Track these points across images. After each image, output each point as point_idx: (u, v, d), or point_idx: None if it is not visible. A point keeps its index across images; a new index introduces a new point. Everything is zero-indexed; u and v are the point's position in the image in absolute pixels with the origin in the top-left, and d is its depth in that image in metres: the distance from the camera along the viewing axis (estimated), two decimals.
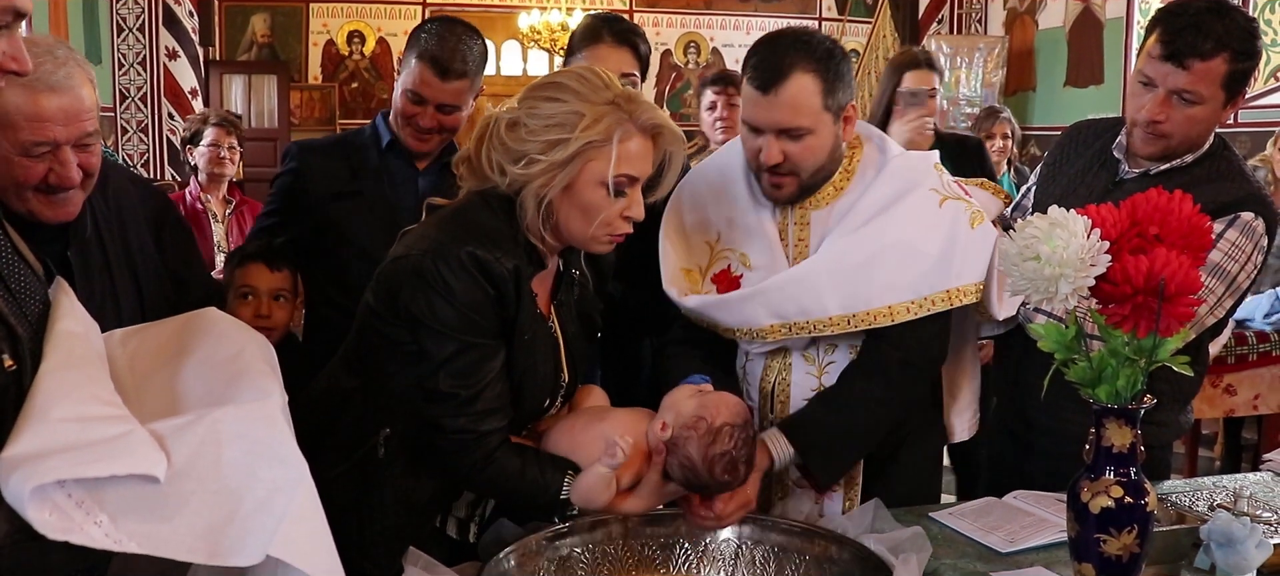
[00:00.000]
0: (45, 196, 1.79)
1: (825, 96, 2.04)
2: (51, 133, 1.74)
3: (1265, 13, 7.79)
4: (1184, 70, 2.20)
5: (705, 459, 1.82)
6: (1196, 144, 2.31)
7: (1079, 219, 1.53)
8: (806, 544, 1.96)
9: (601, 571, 1.96)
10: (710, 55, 14.05)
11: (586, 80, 1.79)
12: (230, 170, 4.89)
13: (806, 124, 2.04)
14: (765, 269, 2.16)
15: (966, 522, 2.10)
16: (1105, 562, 1.61)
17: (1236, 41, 2.19)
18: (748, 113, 2.09)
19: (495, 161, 1.81)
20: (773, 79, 2.01)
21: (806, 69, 2.02)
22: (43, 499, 1.18)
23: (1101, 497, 1.59)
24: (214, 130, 4.84)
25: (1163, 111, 2.24)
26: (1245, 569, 1.82)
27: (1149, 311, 1.52)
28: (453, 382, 1.76)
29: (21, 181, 1.75)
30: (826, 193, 2.17)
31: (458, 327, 1.75)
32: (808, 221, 2.18)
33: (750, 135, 2.11)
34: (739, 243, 2.21)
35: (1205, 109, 2.24)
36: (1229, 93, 2.25)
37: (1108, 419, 1.60)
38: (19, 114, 1.71)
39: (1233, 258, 2.23)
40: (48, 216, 1.80)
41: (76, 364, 1.38)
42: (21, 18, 1.40)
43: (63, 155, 1.76)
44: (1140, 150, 2.34)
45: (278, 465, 1.30)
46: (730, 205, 2.23)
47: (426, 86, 2.56)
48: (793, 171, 2.09)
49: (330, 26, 13.01)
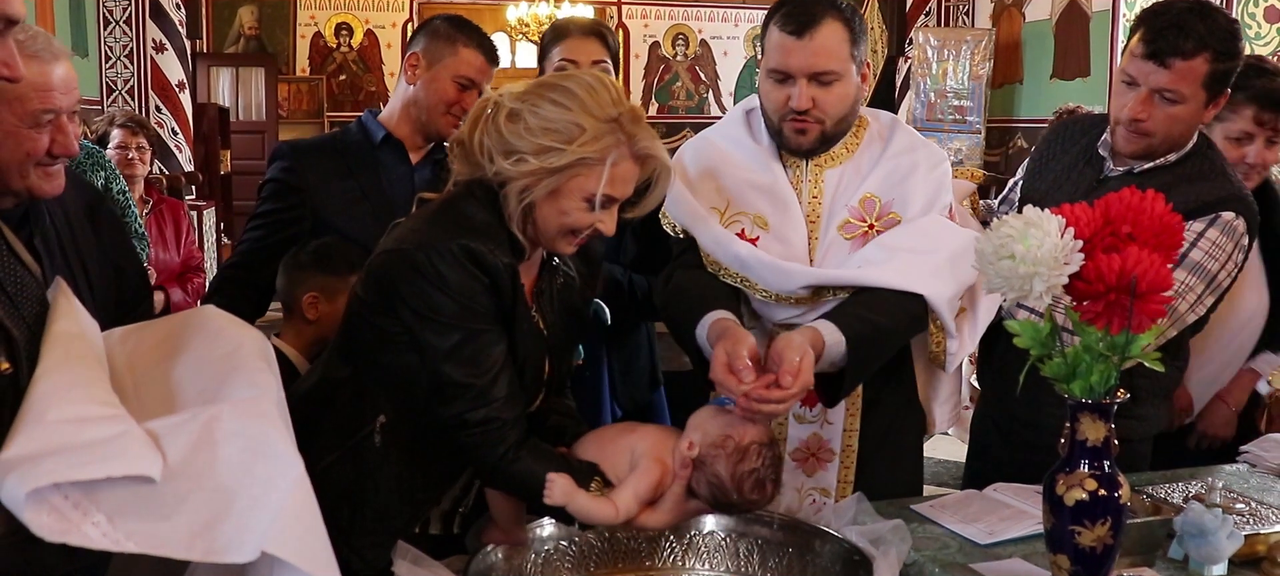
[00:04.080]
0: (44, 169, 1.79)
1: (852, 46, 2.15)
2: (57, 100, 1.76)
3: (1249, 6, 7.84)
4: (1165, 69, 2.24)
5: (733, 477, 1.82)
6: (1179, 143, 2.35)
7: (1053, 218, 1.56)
8: (790, 537, 2.00)
9: (587, 564, 1.99)
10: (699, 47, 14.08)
11: (594, 92, 1.79)
12: (141, 170, 4.77)
13: (837, 68, 2.13)
14: (782, 227, 2.21)
15: (947, 515, 2.13)
16: (1080, 554, 1.64)
17: (1217, 42, 2.23)
18: (778, 60, 2.15)
19: (487, 148, 1.81)
20: (807, 24, 2.11)
21: (836, 17, 2.13)
22: (40, 501, 1.20)
23: (1076, 490, 1.62)
24: (120, 132, 4.74)
25: (1145, 110, 2.28)
26: (1216, 559, 1.86)
27: (1121, 309, 1.55)
28: (464, 372, 1.76)
29: (30, 153, 1.75)
30: (839, 153, 2.25)
31: (458, 316, 1.76)
32: (822, 179, 2.25)
33: (777, 86, 2.17)
34: (753, 203, 2.24)
35: (1187, 108, 2.28)
36: (1210, 92, 2.29)
37: (1082, 413, 1.63)
38: (28, 85, 1.70)
39: (1213, 256, 2.27)
40: (46, 191, 1.80)
41: (73, 365, 1.39)
42: (13, 24, 1.42)
43: (62, 123, 1.78)
44: (1123, 149, 2.38)
45: (273, 461, 1.31)
46: (742, 167, 2.27)
47: (481, 73, 2.71)
48: (819, 118, 2.17)
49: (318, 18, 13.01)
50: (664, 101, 13.95)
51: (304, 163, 2.73)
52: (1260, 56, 3.38)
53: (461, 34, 2.71)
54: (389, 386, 1.84)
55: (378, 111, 2.81)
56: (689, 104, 14.02)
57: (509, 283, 1.79)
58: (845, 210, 2.22)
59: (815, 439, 2.29)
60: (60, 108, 1.76)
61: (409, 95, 2.72)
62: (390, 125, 2.74)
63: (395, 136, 2.73)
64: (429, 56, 2.69)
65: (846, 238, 2.21)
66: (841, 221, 2.22)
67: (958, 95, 10.31)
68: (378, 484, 1.86)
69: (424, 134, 2.75)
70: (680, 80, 14.04)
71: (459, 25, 2.74)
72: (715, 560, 2.03)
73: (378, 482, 1.86)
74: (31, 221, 1.85)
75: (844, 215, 2.22)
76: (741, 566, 2.02)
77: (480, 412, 1.76)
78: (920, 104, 10.51)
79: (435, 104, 2.70)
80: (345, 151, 2.75)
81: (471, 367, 1.76)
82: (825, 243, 2.22)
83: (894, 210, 2.21)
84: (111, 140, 4.73)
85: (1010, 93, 10.41)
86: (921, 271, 2.11)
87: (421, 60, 2.70)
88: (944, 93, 10.37)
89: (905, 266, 2.11)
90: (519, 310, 1.83)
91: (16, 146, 1.74)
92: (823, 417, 2.28)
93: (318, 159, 2.74)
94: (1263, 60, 2.96)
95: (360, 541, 1.83)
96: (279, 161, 2.75)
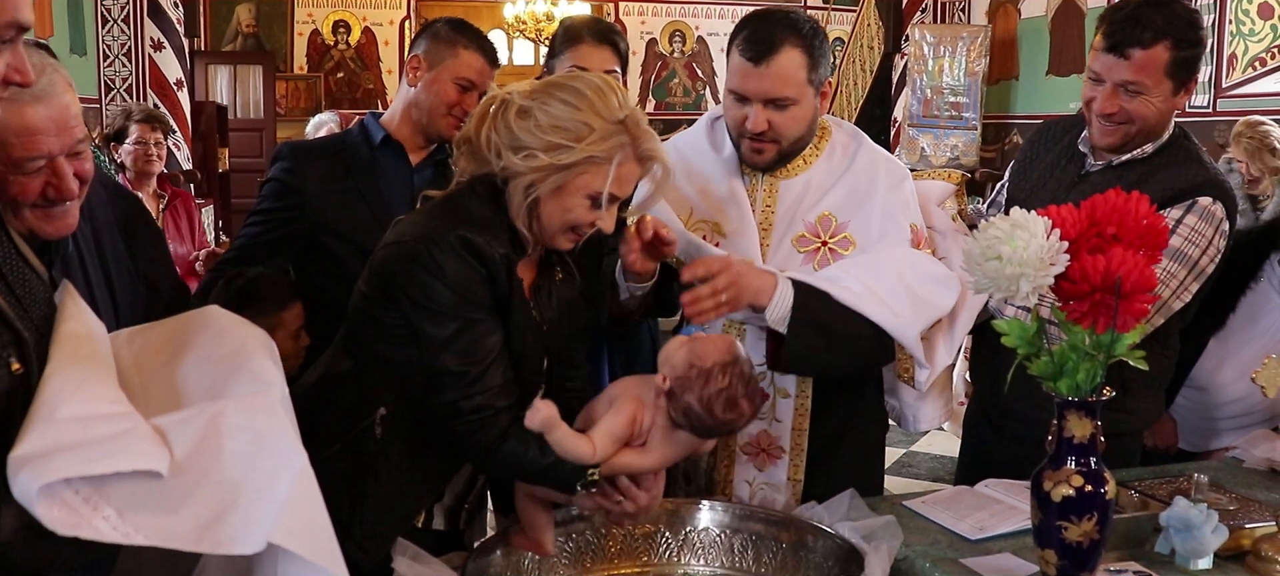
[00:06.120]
0: (44, 211, 1.70)
1: (810, 71, 2.19)
2: (44, 145, 1.66)
3: (1243, 3, 7.88)
4: (1126, 60, 2.31)
5: (703, 400, 1.86)
6: (1155, 132, 2.40)
7: (1039, 220, 1.60)
8: (783, 532, 2.04)
9: (585, 561, 2.03)
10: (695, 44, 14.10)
11: (603, 95, 1.85)
12: (157, 166, 4.78)
13: (792, 94, 2.18)
14: (736, 234, 2.27)
15: (939, 510, 2.16)
16: (1067, 549, 1.68)
17: (1176, 30, 2.29)
18: (737, 83, 2.22)
19: (495, 144, 1.86)
20: (764, 52, 2.15)
21: (795, 44, 2.17)
22: (51, 496, 1.22)
23: (1062, 487, 1.66)
24: (139, 126, 4.72)
25: (1113, 104, 2.35)
26: (1202, 553, 1.90)
27: (1107, 308, 1.59)
28: (458, 360, 1.79)
29: (19, 198, 1.66)
30: (796, 165, 2.31)
31: (455, 306, 1.80)
32: (776, 190, 2.31)
33: (736, 104, 2.23)
34: (712, 212, 2.31)
35: (1154, 98, 2.33)
36: (1177, 81, 2.34)
37: (1069, 411, 1.67)
38: (7, 130, 1.61)
39: (1193, 242, 2.31)
40: (48, 232, 1.70)
41: (82, 364, 1.42)
42: (24, 31, 1.43)
43: (58, 167, 1.68)
44: (1100, 142, 2.44)
45: (278, 456, 1.34)
46: (704, 178, 2.35)
47: (482, 75, 2.75)
48: (775, 139, 2.23)
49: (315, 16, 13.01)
50: (661, 98, 13.98)
51: (304, 164, 2.77)
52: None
53: (462, 37, 2.76)
54: (389, 379, 1.88)
55: (380, 114, 2.86)
56: (686, 100, 14.05)
57: (505, 274, 1.83)
58: (801, 224, 2.28)
59: (765, 436, 2.32)
60: (49, 152, 1.66)
61: (410, 97, 2.77)
62: (391, 127, 2.79)
63: (395, 138, 2.77)
64: (430, 59, 2.74)
65: (800, 251, 2.27)
66: (797, 234, 2.27)
67: (954, 91, 10.34)
68: (378, 476, 1.89)
69: (425, 135, 2.79)
70: (677, 77, 14.07)
71: (459, 28, 2.79)
72: (710, 556, 2.07)
73: (378, 474, 1.89)
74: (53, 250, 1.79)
75: (800, 229, 2.27)
76: (736, 562, 2.05)
77: (474, 400, 1.80)
78: (916, 100, 10.54)
79: (436, 105, 2.74)
80: (345, 153, 2.79)
81: (467, 356, 1.80)
82: (778, 252, 2.27)
83: (850, 231, 2.26)
84: (129, 135, 4.72)
85: (1006, 89, 10.44)
86: (877, 305, 2.14)
87: (423, 63, 2.75)
88: (940, 89, 10.40)
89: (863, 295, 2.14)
90: (516, 302, 1.87)
91: (5, 190, 1.66)
92: (772, 415, 2.31)
93: (318, 160, 2.79)
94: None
95: (361, 532, 1.86)
96: (280, 162, 2.80)
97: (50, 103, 1.66)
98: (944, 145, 10.34)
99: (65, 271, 1.85)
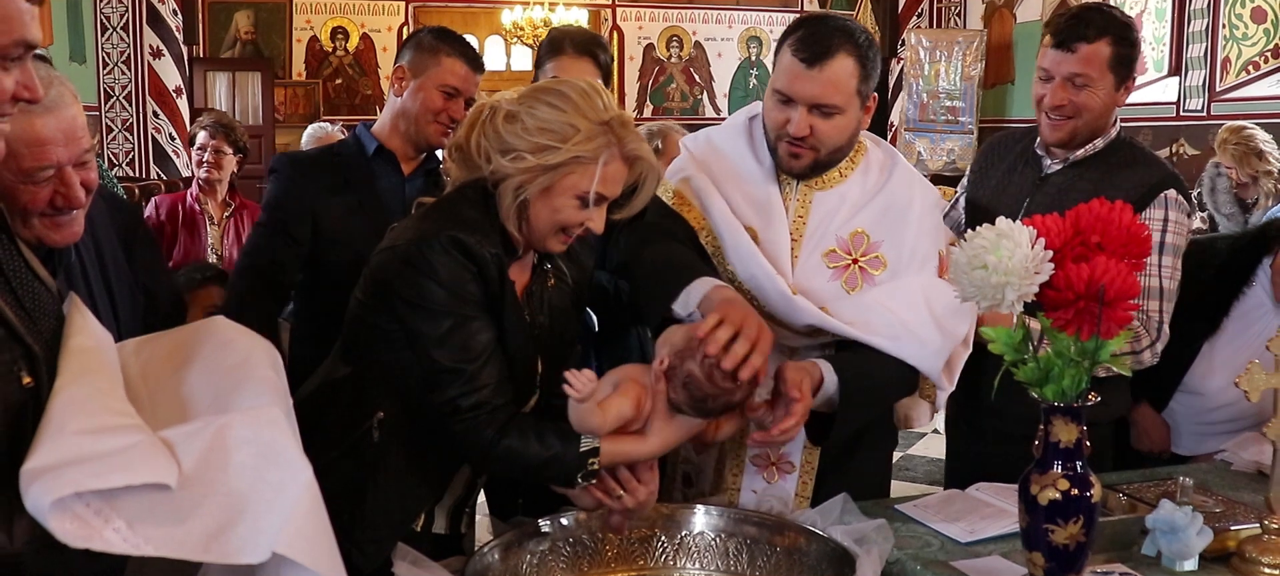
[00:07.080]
0: (51, 220, 1.77)
1: (861, 82, 2.18)
2: (53, 155, 1.73)
3: (1236, 7, 7.92)
4: (1073, 54, 2.54)
5: (704, 368, 1.87)
6: (1101, 127, 2.62)
7: (1024, 229, 1.63)
8: (777, 536, 2.07)
9: (582, 565, 2.06)
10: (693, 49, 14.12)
11: (588, 97, 1.90)
12: (224, 173, 4.84)
13: (840, 103, 2.16)
14: (768, 240, 2.25)
15: (929, 514, 2.20)
16: (1054, 551, 1.72)
17: (1116, 29, 2.56)
18: (784, 83, 2.18)
19: (484, 148, 1.91)
20: (819, 55, 2.13)
21: (850, 52, 2.15)
22: (63, 509, 1.25)
23: (1049, 490, 1.69)
24: (202, 133, 4.84)
25: (1062, 96, 2.56)
26: (1187, 555, 1.94)
27: (1091, 315, 1.62)
28: (454, 357, 1.83)
29: (28, 207, 1.73)
30: (832, 177, 2.29)
31: (448, 303, 1.83)
32: (810, 201, 2.29)
33: (779, 105, 2.20)
34: (749, 217, 2.28)
35: (1098, 90, 2.56)
36: (1117, 76, 2.57)
37: (1055, 416, 1.71)
38: (18, 141, 1.67)
39: (1178, 232, 2.55)
40: (55, 240, 1.78)
41: (90, 377, 1.44)
42: (32, 49, 1.46)
43: (66, 176, 1.75)
44: (1051, 138, 2.64)
45: (283, 467, 1.37)
46: (744, 181, 2.31)
47: (465, 81, 2.81)
48: (814, 146, 2.20)
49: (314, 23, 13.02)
50: (659, 103, 14.00)
51: (297, 175, 2.81)
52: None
53: (444, 44, 2.81)
54: (387, 383, 1.91)
55: (371, 123, 2.90)
56: (683, 105, 14.07)
57: (496, 272, 1.87)
58: (833, 238, 2.26)
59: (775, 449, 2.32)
60: (58, 161, 1.73)
61: (398, 107, 2.82)
62: (382, 137, 2.84)
63: (387, 148, 2.82)
64: (414, 68, 2.79)
65: (830, 266, 2.25)
66: (828, 249, 2.26)
67: (950, 96, 10.38)
68: (377, 480, 1.92)
69: (414, 144, 2.83)
70: (675, 82, 14.08)
71: (442, 36, 2.84)
72: (706, 559, 2.10)
73: (377, 478, 1.92)
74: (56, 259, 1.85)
75: (831, 243, 2.26)
76: (731, 565, 2.09)
77: (471, 398, 1.84)
78: (913, 105, 10.58)
79: (423, 113, 2.79)
80: (341, 164, 2.83)
81: (461, 353, 1.84)
82: (806, 264, 2.26)
83: (882, 251, 2.25)
84: (196, 141, 4.84)
85: (1002, 93, 10.48)
86: (913, 344, 2.16)
87: (407, 72, 2.80)
88: (936, 93, 10.44)
89: (899, 335, 2.15)
90: (507, 302, 1.91)
91: (14, 200, 1.72)
92: None
93: (310, 170, 2.83)
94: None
95: (361, 536, 1.88)
96: (274, 174, 2.84)
97: (59, 114, 1.74)
98: (940, 149, 10.38)
99: (68, 281, 1.91)
